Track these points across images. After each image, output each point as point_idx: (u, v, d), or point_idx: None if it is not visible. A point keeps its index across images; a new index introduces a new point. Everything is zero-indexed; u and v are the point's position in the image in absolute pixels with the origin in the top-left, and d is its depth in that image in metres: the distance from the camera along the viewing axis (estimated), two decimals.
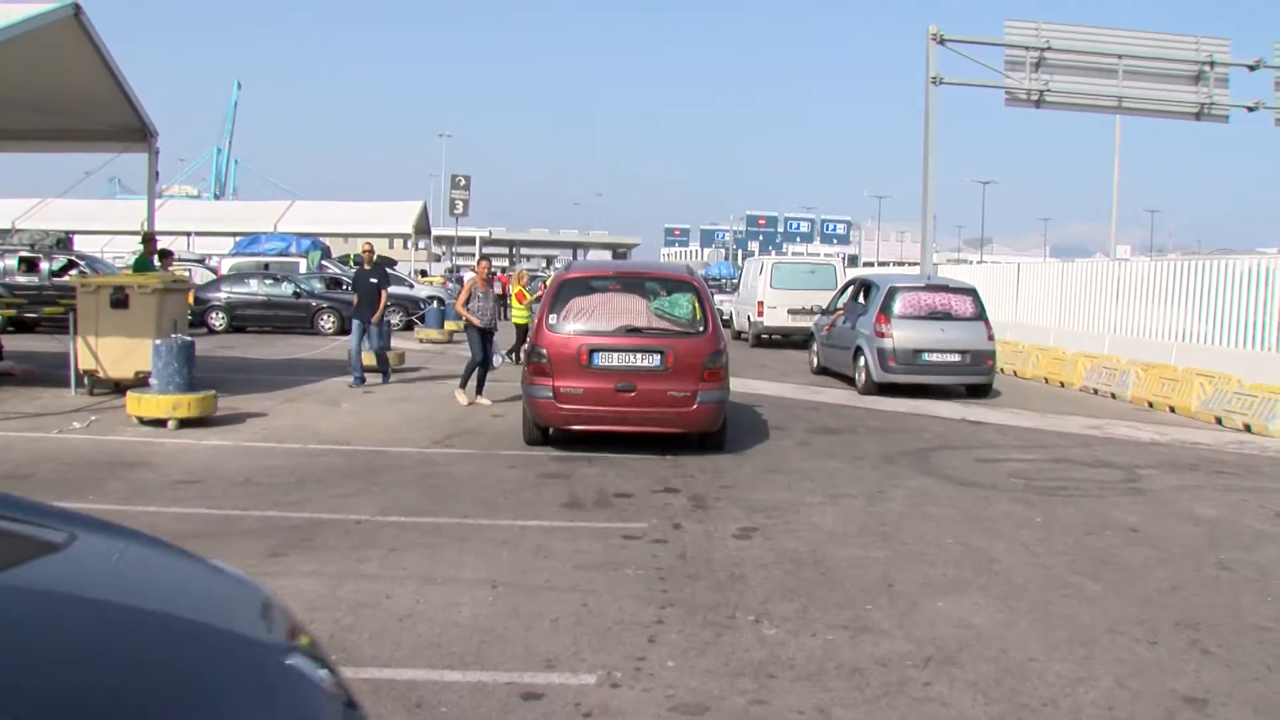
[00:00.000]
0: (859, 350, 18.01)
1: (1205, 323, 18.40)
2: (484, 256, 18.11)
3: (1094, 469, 11.08)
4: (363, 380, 16.30)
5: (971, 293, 18.66)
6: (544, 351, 10.97)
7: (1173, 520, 8.75)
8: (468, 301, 14.74)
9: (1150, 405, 16.93)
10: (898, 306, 17.66)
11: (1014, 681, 5.02)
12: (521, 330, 18.41)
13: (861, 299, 19.11)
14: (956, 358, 17.45)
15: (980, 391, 17.89)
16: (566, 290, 11.40)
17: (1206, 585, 6.87)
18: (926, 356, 17.27)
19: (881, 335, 17.38)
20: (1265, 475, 11.11)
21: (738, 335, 29.84)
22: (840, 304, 20.45)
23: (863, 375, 17.75)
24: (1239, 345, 17.28)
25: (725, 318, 28.64)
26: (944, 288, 18.83)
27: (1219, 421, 15.08)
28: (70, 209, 41.75)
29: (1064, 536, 8.07)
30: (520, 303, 20.24)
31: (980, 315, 18.11)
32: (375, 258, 17.48)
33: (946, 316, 17.76)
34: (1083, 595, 6.53)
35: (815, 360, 21.16)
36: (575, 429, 11.10)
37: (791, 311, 26.80)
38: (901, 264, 69.91)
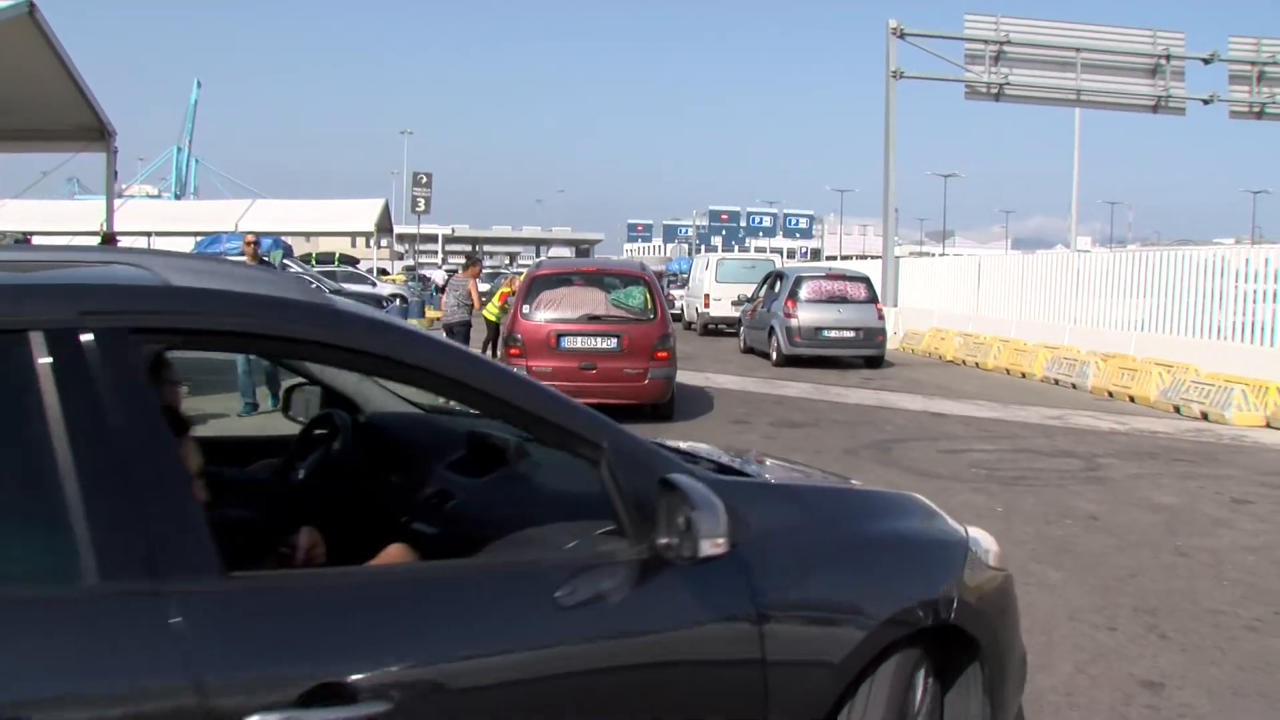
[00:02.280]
0: (772, 330, 21.45)
1: (1164, 313, 18.62)
2: (475, 259, 17.89)
3: (1055, 458, 11.19)
4: (254, 408, 12.26)
5: (865, 280, 22.22)
6: (519, 337, 12.81)
7: (1132, 508, 8.86)
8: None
9: (1110, 395, 17.12)
10: (803, 292, 21.15)
11: None
12: (494, 326, 18.47)
13: (776, 288, 22.41)
14: (851, 334, 21.10)
15: (873, 362, 21.57)
16: (537, 285, 13.20)
17: (1164, 571, 6.96)
18: (826, 333, 20.88)
19: (789, 316, 20.88)
20: (1222, 462, 11.27)
21: (688, 326, 31.77)
22: (760, 293, 23.65)
23: (775, 350, 21.34)
24: (1197, 335, 17.50)
25: (677, 310, 31.50)
26: (842, 276, 22.50)
27: (1177, 410, 15.27)
28: (28, 210, 41.35)
29: (1025, 526, 8.15)
30: (501, 301, 20.35)
31: (872, 299, 21.74)
32: (256, 250, 14.33)
33: (843, 300, 21.24)
34: (1043, 583, 6.60)
35: (743, 341, 24.50)
36: None
37: (734, 303, 28.40)
38: (864, 257, 70.24)
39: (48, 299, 2.22)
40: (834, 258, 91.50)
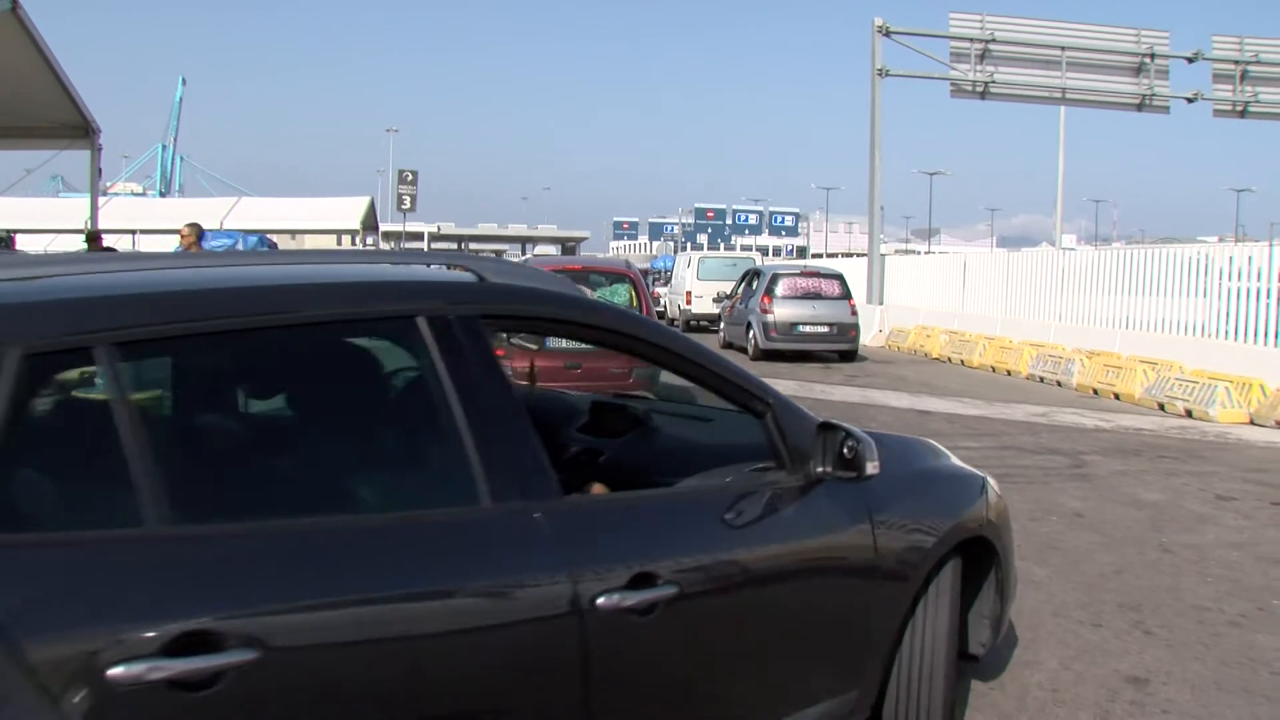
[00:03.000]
0: (750, 325, 22.30)
1: (1149, 311, 18.69)
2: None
3: (1040, 455, 11.23)
4: None
5: (839, 277, 23.12)
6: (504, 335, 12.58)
7: (1117, 505, 8.90)
8: None
9: (1095, 392, 17.19)
10: (779, 289, 21.95)
11: (960, 665, 5.09)
12: None
13: (753, 285, 23.13)
14: (825, 329, 21.90)
15: (847, 356, 22.32)
16: None
17: (1149, 568, 6.99)
18: (801, 328, 21.67)
19: (766, 312, 21.72)
20: (1206, 459, 11.32)
21: (671, 323, 31.36)
22: (739, 290, 24.34)
23: (751, 344, 22.10)
24: (1181, 332, 17.57)
25: (661, 308, 32.89)
26: (816, 273, 23.46)
27: (1161, 407, 15.34)
28: (11, 207, 41.08)
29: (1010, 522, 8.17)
30: None
31: (845, 295, 22.54)
32: (196, 242, 13.48)
33: (818, 296, 22.10)
34: (1029, 580, 6.62)
35: (722, 337, 25.02)
36: None
37: (715, 300, 28.89)
38: (850, 254, 70.38)
39: (428, 294, 3.06)
40: (819, 255, 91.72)
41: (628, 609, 2.86)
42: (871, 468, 3.53)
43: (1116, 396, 16.59)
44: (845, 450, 3.51)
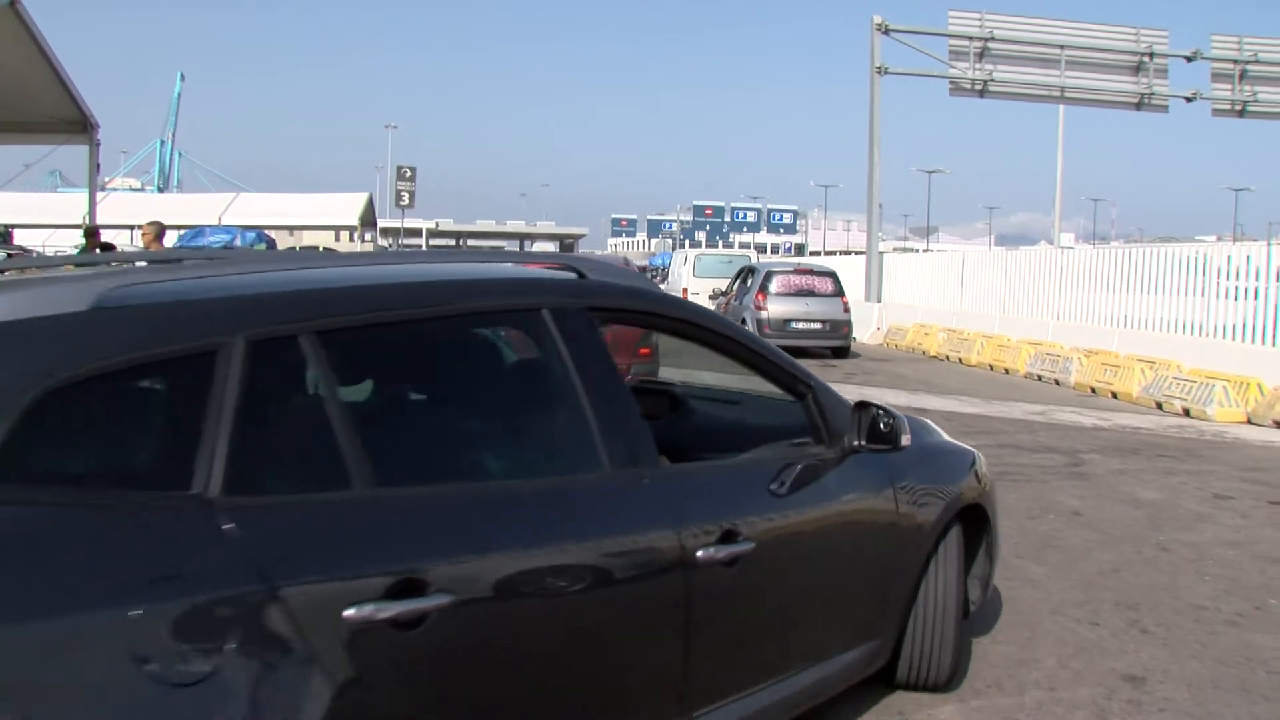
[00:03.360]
0: (743, 321, 21.67)
1: (1147, 310, 18.70)
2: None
3: (1037, 454, 11.24)
4: None
5: (832, 275, 23.48)
6: None
7: (1114, 503, 8.91)
8: None
9: (1093, 391, 17.20)
10: (773, 286, 22.42)
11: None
12: None
13: (748, 282, 23.54)
14: (819, 325, 22.22)
15: (840, 353, 22.67)
16: None
17: (1146, 566, 7.00)
18: (795, 324, 21.96)
19: (760, 309, 22.06)
20: (1203, 458, 11.33)
21: None
22: (734, 288, 24.74)
23: None
24: (1179, 332, 17.57)
25: None
26: (810, 270, 23.82)
27: (1159, 406, 15.35)
28: (9, 202, 41.09)
29: (1008, 521, 8.15)
30: None
31: (839, 293, 22.89)
32: (155, 239, 13.16)
33: (811, 293, 22.43)
34: (1026, 578, 6.63)
35: None
36: None
37: (711, 297, 28.78)
38: (848, 252, 70.40)
39: (549, 290, 3.50)
40: (818, 253, 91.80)
41: (719, 561, 3.36)
42: (905, 440, 4.18)
43: (1114, 395, 16.60)
44: (882, 425, 4.09)
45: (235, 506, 2.45)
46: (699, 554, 3.27)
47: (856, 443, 4.08)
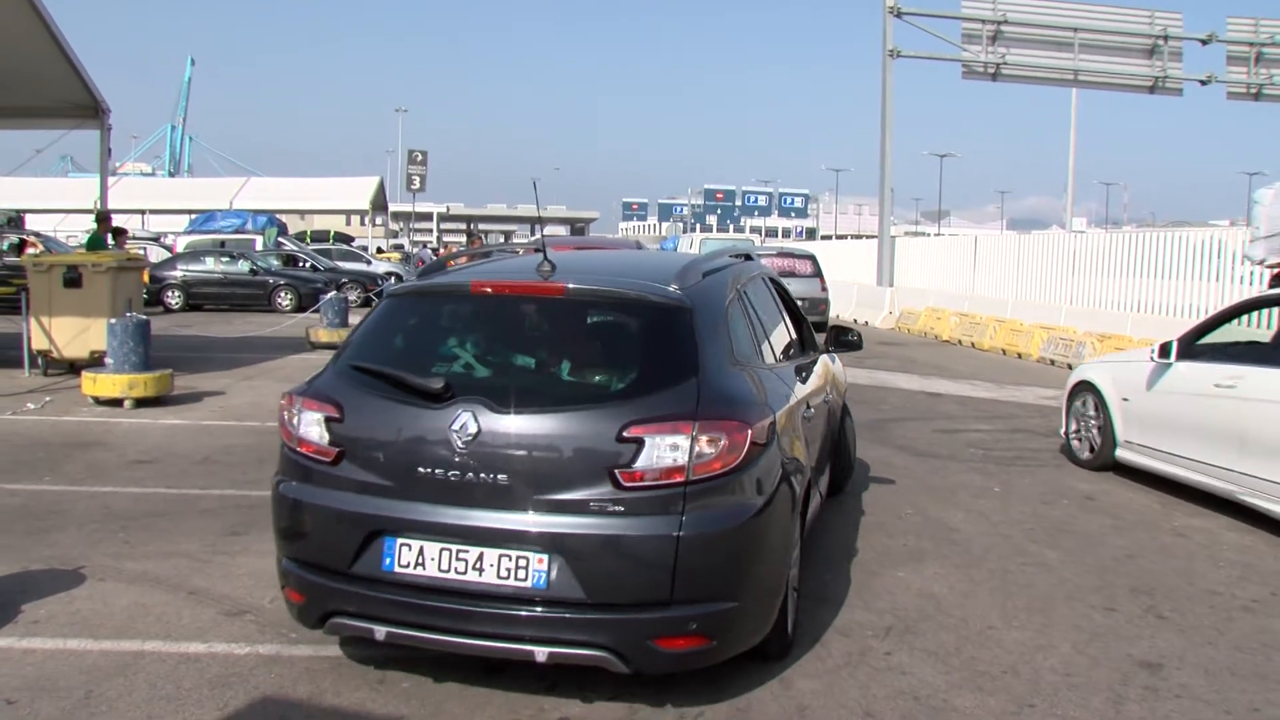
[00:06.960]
0: None
1: (1160, 294, 18.62)
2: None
3: (1051, 438, 11.18)
4: None
5: (811, 258, 25.83)
6: None
7: (1128, 489, 8.88)
8: None
9: None
10: None
11: (973, 650, 5.09)
12: None
13: None
14: (800, 302, 22.14)
15: (818, 327, 22.53)
16: None
17: (1161, 552, 6.98)
18: None
19: None
20: None
21: None
22: None
23: None
24: (1191, 315, 17.48)
25: None
26: (790, 254, 26.23)
27: None
28: (21, 187, 41.18)
29: (1022, 505, 8.17)
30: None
31: (817, 274, 25.05)
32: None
33: (791, 275, 23.49)
34: (1041, 563, 6.62)
35: None
36: None
37: None
38: (860, 236, 70.12)
39: (753, 266, 6.57)
40: (829, 237, 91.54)
41: (832, 399, 7.35)
42: (860, 342, 7.65)
43: None
44: (852, 337, 7.61)
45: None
46: (817, 402, 6.48)
47: (831, 348, 7.67)
